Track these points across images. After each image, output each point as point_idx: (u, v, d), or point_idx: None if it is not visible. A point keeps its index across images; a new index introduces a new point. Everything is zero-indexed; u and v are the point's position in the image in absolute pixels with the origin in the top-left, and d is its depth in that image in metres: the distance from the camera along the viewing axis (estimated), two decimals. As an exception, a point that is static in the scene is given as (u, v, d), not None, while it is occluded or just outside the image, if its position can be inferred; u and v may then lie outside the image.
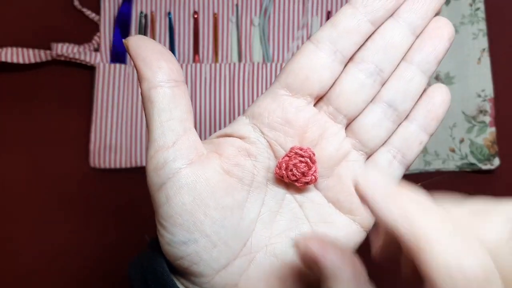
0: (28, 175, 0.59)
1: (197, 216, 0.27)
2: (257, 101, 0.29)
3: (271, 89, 0.29)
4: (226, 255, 0.27)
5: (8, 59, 0.59)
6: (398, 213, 0.21)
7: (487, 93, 0.60)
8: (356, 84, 0.29)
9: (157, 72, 0.26)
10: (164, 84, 0.26)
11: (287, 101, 0.28)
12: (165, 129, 0.26)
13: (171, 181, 0.26)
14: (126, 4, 0.62)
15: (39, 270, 0.56)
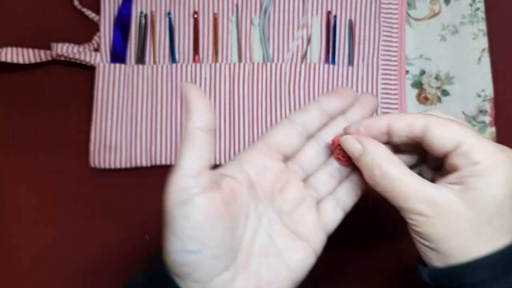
0: (28, 175, 0.59)
1: (206, 231, 0.34)
2: (246, 151, 0.40)
3: (256, 144, 0.40)
4: (221, 266, 0.35)
5: (7, 59, 0.59)
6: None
7: (487, 93, 0.60)
8: (314, 151, 0.42)
9: (202, 118, 0.36)
10: (205, 129, 0.35)
11: (267, 155, 0.40)
12: (195, 162, 0.35)
13: (191, 202, 0.34)
14: (126, 4, 0.62)
15: (38, 270, 0.56)
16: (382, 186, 0.37)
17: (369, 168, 0.37)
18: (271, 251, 0.38)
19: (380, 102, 0.60)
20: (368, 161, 0.37)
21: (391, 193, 0.36)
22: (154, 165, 0.59)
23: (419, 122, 0.37)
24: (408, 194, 0.35)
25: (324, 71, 0.60)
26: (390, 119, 0.38)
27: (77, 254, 0.57)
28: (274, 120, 0.59)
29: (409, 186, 0.35)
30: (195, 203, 0.34)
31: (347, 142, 0.39)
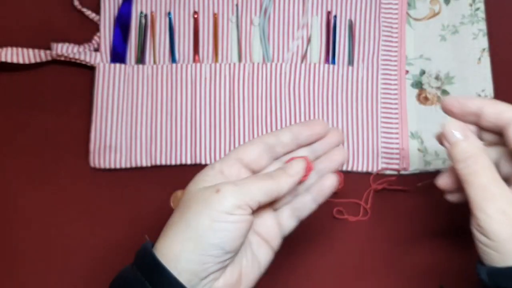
0: (28, 175, 0.59)
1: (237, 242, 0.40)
2: (223, 161, 0.43)
3: (230, 156, 0.43)
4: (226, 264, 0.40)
5: (8, 59, 0.59)
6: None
7: (487, 93, 0.60)
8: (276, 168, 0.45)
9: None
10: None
11: (241, 168, 0.43)
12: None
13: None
14: (126, 4, 0.62)
15: (38, 270, 0.57)
16: (467, 177, 0.38)
17: (463, 156, 0.39)
18: (249, 250, 0.43)
19: (380, 102, 0.60)
20: (465, 149, 0.39)
21: (474, 186, 0.38)
22: (154, 165, 0.59)
23: (508, 113, 0.39)
24: (490, 193, 0.37)
25: (324, 71, 0.60)
26: (484, 102, 0.41)
27: (77, 254, 0.57)
28: (274, 120, 0.59)
29: (494, 186, 0.37)
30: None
31: (451, 124, 0.40)
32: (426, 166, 0.59)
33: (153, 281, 0.38)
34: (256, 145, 0.43)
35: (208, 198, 0.39)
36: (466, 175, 0.39)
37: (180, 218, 0.40)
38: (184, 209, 0.40)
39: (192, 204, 0.40)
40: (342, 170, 0.59)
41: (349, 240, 0.57)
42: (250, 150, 0.43)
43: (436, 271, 0.56)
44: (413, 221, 0.58)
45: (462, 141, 0.40)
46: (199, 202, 0.39)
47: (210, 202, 0.39)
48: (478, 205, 0.37)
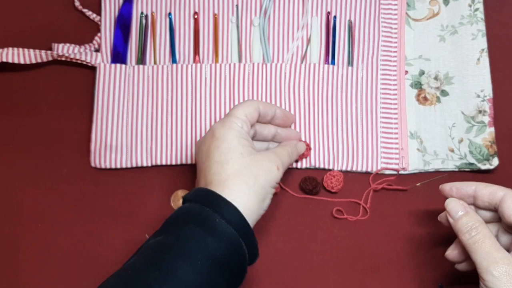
0: (29, 175, 0.59)
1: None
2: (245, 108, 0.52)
3: (250, 104, 0.52)
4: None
5: (9, 59, 0.59)
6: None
7: (486, 93, 0.60)
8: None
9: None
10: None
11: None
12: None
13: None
14: (126, 4, 0.62)
15: (39, 270, 0.57)
16: (473, 246, 0.45)
17: (467, 228, 0.46)
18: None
19: (380, 102, 0.60)
20: (468, 222, 0.46)
21: (479, 253, 0.44)
22: (154, 165, 0.59)
23: (499, 192, 0.47)
24: (493, 258, 0.43)
25: (323, 71, 0.61)
26: (478, 186, 0.49)
27: (78, 253, 0.57)
28: (274, 120, 0.60)
29: (496, 252, 0.44)
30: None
31: (453, 204, 0.48)
32: (425, 166, 0.59)
33: (218, 211, 0.45)
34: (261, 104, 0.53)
35: (270, 171, 0.49)
36: (471, 244, 0.45)
37: (242, 172, 0.48)
38: (244, 164, 0.48)
39: (252, 165, 0.48)
40: (342, 170, 0.59)
41: (349, 240, 0.57)
42: (260, 105, 0.53)
43: (435, 270, 0.57)
44: (412, 220, 0.58)
45: (464, 216, 0.47)
46: (260, 170, 0.48)
47: (271, 175, 0.49)
48: (485, 268, 0.43)
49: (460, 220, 0.47)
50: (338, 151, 0.59)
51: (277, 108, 0.55)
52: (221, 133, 0.49)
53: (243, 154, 0.48)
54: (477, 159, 0.58)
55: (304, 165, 0.59)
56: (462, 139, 0.59)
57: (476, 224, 0.46)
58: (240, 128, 0.50)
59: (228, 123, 0.50)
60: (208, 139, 0.50)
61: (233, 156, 0.48)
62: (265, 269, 0.56)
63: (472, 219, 0.46)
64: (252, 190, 0.47)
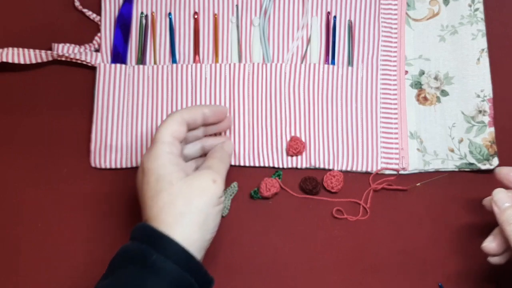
0: (29, 175, 0.59)
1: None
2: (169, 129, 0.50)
3: (173, 120, 0.50)
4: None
5: (9, 59, 0.59)
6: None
7: (486, 93, 0.60)
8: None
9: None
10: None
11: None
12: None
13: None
14: (126, 4, 0.62)
15: (39, 270, 0.57)
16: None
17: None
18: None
19: (380, 102, 0.60)
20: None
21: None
22: (154, 165, 0.59)
23: None
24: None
25: (323, 71, 0.61)
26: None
27: (78, 253, 0.57)
28: (274, 120, 0.60)
29: None
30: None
31: (501, 194, 0.48)
32: (425, 166, 0.59)
33: (155, 247, 0.43)
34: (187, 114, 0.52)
35: (205, 189, 0.47)
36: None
37: (173, 202, 0.46)
38: (175, 192, 0.46)
39: (184, 190, 0.46)
40: (342, 170, 0.59)
41: (349, 240, 0.57)
42: (192, 113, 0.52)
43: (435, 270, 0.57)
44: (412, 220, 0.58)
45: (510, 207, 0.47)
46: (193, 192, 0.46)
47: (208, 192, 0.47)
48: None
49: (507, 211, 0.47)
50: (338, 151, 0.59)
51: (203, 108, 0.53)
52: (148, 166, 0.48)
53: (172, 182, 0.47)
54: (477, 159, 0.58)
55: (304, 165, 0.59)
56: (462, 139, 0.59)
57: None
58: (167, 153, 0.48)
59: (153, 152, 0.48)
60: (139, 174, 0.49)
61: (163, 186, 0.46)
62: (265, 269, 0.56)
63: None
64: (188, 217, 0.45)
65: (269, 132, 0.60)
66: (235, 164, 0.59)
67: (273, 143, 0.59)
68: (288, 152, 0.58)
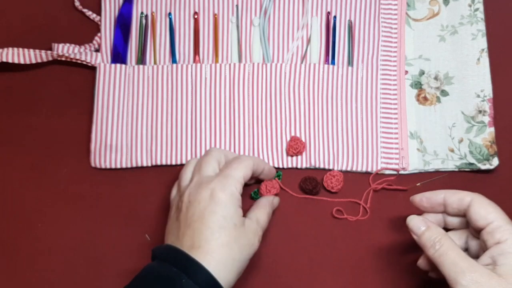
0: (29, 175, 0.59)
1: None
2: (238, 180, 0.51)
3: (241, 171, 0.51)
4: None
5: (9, 59, 0.59)
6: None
7: (486, 93, 0.60)
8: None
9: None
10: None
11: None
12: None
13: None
14: (126, 4, 0.62)
15: (39, 270, 0.57)
16: (439, 259, 0.45)
17: (430, 242, 0.47)
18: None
19: (380, 102, 0.60)
20: (431, 237, 0.47)
21: (445, 265, 0.45)
22: (154, 165, 0.59)
23: (467, 198, 0.48)
24: (460, 268, 0.44)
25: (323, 71, 0.61)
26: (446, 194, 0.50)
27: (78, 253, 0.57)
28: (274, 120, 0.60)
29: (462, 262, 0.44)
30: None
31: (414, 220, 0.49)
32: (425, 166, 0.59)
33: (188, 272, 0.44)
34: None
35: (253, 244, 0.49)
36: (437, 258, 0.46)
37: (229, 244, 0.47)
38: (234, 237, 0.47)
39: (240, 239, 0.48)
40: (342, 170, 0.59)
41: (349, 239, 0.57)
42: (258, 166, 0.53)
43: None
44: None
45: (426, 231, 0.48)
46: (246, 244, 0.48)
47: (253, 248, 0.49)
48: (454, 279, 0.44)
49: (423, 236, 0.47)
50: (338, 151, 0.59)
51: (265, 165, 0.55)
52: (221, 198, 0.48)
53: (237, 225, 0.47)
54: (477, 159, 0.58)
55: (304, 165, 0.59)
56: (462, 139, 0.59)
57: (438, 237, 0.47)
58: (238, 193, 0.49)
59: (229, 187, 0.48)
60: (205, 199, 0.48)
61: (227, 225, 0.47)
62: (265, 269, 0.56)
63: (434, 233, 0.47)
64: (236, 264, 0.47)
65: (269, 132, 0.60)
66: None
67: (273, 143, 0.59)
68: (288, 152, 0.58)
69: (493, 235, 0.45)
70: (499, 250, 0.45)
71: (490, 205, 0.47)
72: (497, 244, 0.45)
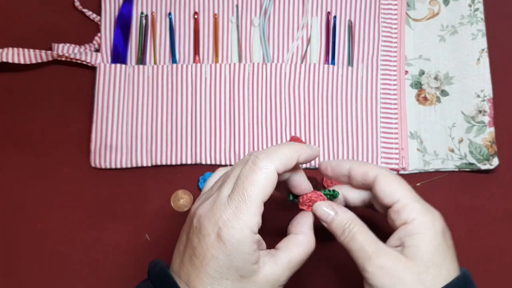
0: (29, 175, 0.59)
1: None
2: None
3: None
4: None
5: (9, 59, 0.59)
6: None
7: (486, 93, 0.60)
8: None
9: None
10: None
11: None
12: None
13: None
14: (126, 4, 0.62)
15: (39, 270, 0.57)
16: (348, 245, 0.43)
17: (340, 229, 0.43)
18: None
19: (380, 102, 0.60)
20: (341, 222, 0.43)
21: (353, 251, 0.42)
22: (154, 165, 0.59)
23: (372, 172, 0.44)
24: (367, 253, 0.41)
25: (323, 71, 0.61)
26: (352, 165, 0.45)
27: (78, 253, 0.57)
28: (274, 120, 0.60)
29: (369, 246, 0.42)
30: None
31: (320, 208, 0.44)
32: (425, 166, 0.59)
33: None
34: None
35: (258, 280, 0.40)
36: (346, 244, 0.43)
37: (223, 274, 0.39)
38: (228, 268, 0.39)
39: (239, 267, 0.39)
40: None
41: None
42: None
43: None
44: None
45: (335, 217, 0.43)
46: (245, 275, 0.39)
47: (257, 283, 0.40)
48: (361, 266, 0.42)
49: (333, 223, 0.43)
50: (338, 151, 0.59)
51: (300, 150, 0.42)
52: (228, 237, 0.38)
53: (243, 277, 0.39)
54: (477, 159, 0.58)
55: (304, 165, 0.59)
56: (462, 139, 0.59)
57: (348, 222, 0.43)
58: (255, 226, 0.39)
59: (242, 222, 0.38)
60: (209, 236, 0.39)
61: (231, 277, 0.39)
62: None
63: (344, 218, 0.43)
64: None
65: (269, 132, 0.60)
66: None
67: (273, 143, 0.59)
68: None
69: (400, 214, 0.42)
70: (406, 231, 0.42)
71: (396, 181, 0.43)
72: (405, 225, 0.42)
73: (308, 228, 0.44)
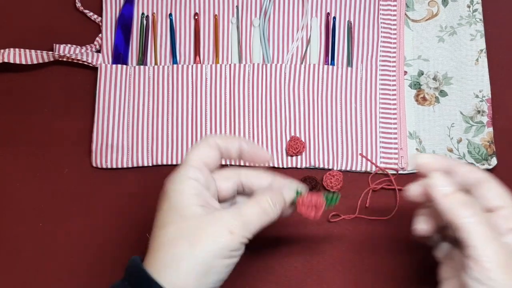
0: (30, 175, 0.59)
1: None
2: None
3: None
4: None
5: (11, 60, 0.60)
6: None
7: (484, 93, 0.60)
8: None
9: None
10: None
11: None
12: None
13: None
14: (127, 5, 0.62)
15: (39, 269, 0.57)
16: (468, 225, 0.39)
17: (463, 206, 0.40)
18: None
19: (379, 103, 0.61)
20: (463, 200, 0.40)
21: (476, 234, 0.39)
22: (155, 165, 0.59)
23: (478, 174, 0.43)
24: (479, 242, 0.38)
25: (323, 72, 0.61)
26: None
27: (78, 253, 0.57)
28: (274, 121, 0.60)
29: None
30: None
31: (442, 178, 0.41)
32: (424, 165, 0.59)
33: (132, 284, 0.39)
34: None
35: (217, 237, 0.39)
36: (467, 224, 0.39)
37: (177, 240, 0.39)
38: (183, 229, 0.39)
39: (193, 230, 0.39)
40: (341, 170, 0.59)
41: (348, 240, 0.57)
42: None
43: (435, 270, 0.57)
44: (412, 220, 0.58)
45: (449, 195, 0.40)
46: (202, 236, 0.39)
47: (217, 242, 0.39)
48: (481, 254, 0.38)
49: (449, 198, 0.40)
50: (338, 151, 0.59)
51: (242, 141, 0.44)
52: (168, 189, 0.41)
53: (185, 216, 0.39)
54: (475, 159, 0.59)
55: (304, 165, 0.59)
56: (460, 139, 0.59)
57: (471, 202, 0.40)
58: (189, 179, 0.41)
59: (178, 174, 0.41)
60: (160, 198, 0.42)
61: (173, 218, 0.39)
62: (264, 269, 0.56)
63: (464, 196, 0.40)
64: (187, 263, 0.38)
65: (269, 132, 0.60)
66: (235, 165, 0.59)
67: (273, 143, 0.60)
68: (288, 152, 0.59)
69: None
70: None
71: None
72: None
73: (269, 196, 0.42)
